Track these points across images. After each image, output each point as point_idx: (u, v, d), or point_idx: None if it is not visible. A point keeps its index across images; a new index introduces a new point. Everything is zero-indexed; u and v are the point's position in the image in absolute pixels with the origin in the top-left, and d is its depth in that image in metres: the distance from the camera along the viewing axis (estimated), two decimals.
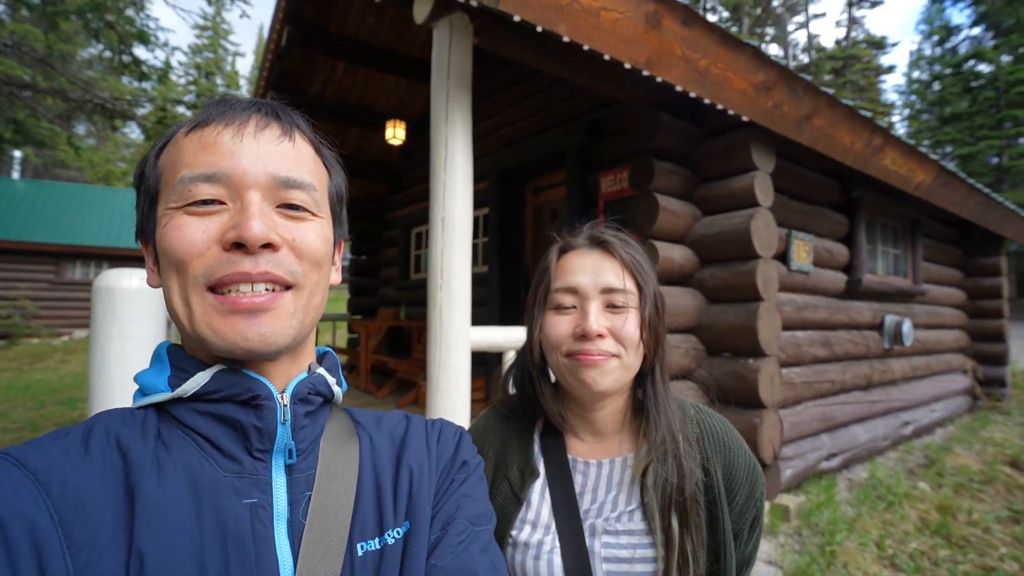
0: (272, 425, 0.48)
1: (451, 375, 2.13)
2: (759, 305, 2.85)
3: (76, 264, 14.58)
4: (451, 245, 2.16)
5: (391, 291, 6.92)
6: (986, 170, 20.87)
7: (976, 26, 22.36)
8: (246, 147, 0.48)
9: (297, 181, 0.50)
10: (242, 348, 0.46)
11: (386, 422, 0.61)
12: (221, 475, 0.46)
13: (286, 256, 0.49)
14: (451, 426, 0.65)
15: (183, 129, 0.51)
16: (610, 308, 0.74)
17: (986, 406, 6.08)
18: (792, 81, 2.80)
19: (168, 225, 0.47)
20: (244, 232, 0.45)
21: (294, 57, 4.95)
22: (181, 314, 0.48)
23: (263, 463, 0.48)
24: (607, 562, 0.72)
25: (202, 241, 0.46)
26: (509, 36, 2.26)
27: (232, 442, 0.47)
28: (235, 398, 0.47)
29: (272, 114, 0.52)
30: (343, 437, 0.55)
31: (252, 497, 0.46)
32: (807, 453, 3.47)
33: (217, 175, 0.47)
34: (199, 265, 0.46)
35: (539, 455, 0.80)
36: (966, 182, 4.75)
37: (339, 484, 0.50)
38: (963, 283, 6.23)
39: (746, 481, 0.77)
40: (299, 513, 0.48)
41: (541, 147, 4.34)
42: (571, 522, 0.73)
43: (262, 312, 0.47)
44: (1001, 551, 2.78)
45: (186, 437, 0.47)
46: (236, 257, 0.46)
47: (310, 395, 0.52)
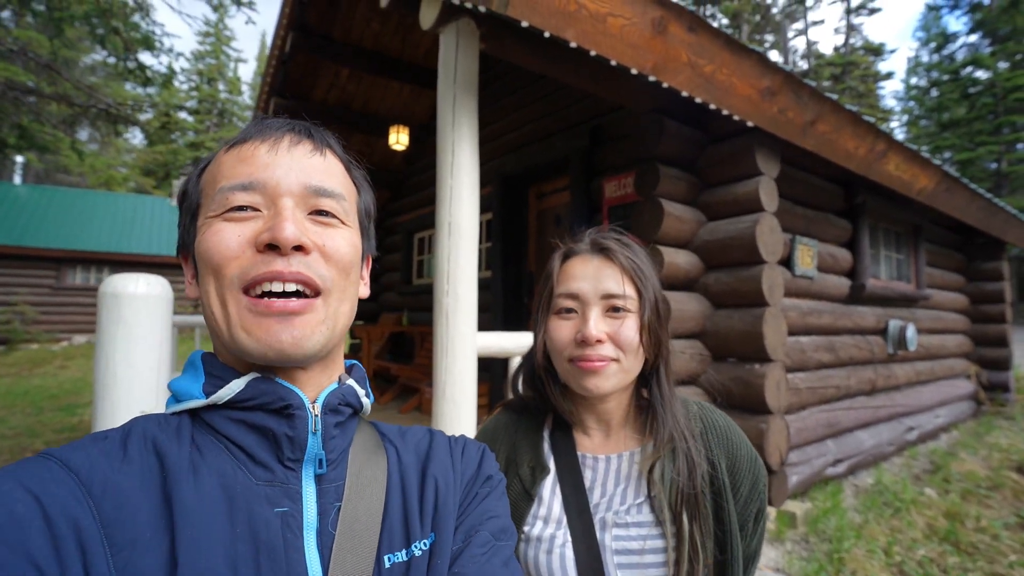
0: (303, 435, 0.49)
1: (457, 381, 2.12)
2: (765, 310, 2.84)
3: (77, 269, 14.59)
4: (458, 250, 2.15)
5: (393, 296, 6.91)
6: (985, 175, 20.92)
7: (973, 33, 22.49)
8: (280, 159, 0.51)
9: (328, 190, 0.53)
10: (274, 351, 0.47)
11: (410, 436, 0.62)
12: (253, 483, 0.46)
13: (316, 260, 0.50)
14: (474, 442, 0.66)
15: (223, 149, 0.54)
16: (610, 313, 0.77)
17: (990, 411, 6.06)
18: (796, 87, 2.81)
19: (206, 232, 0.50)
20: (277, 233, 0.47)
21: (297, 63, 4.97)
22: (218, 318, 0.49)
23: (294, 472, 0.48)
24: (618, 554, 0.74)
25: (237, 245, 0.48)
26: (515, 42, 2.27)
27: (264, 450, 0.48)
28: (267, 406, 0.48)
29: (305, 132, 0.55)
30: (371, 449, 0.56)
31: (283, 506, 0.46)
32: (813, 459, 3.45)
33: (253, 183, 0.50)
34: (235, 267, 0.48)
35: (549, 452, 0.82)
36: (968, 187, 4.75)
37: (368, 496, 0.51)
38: (966, 288, 6.23)
39: (749, 472, 0.80)
40: (328, 523, 0.48)
41: (544, 153, 4.35)
42: (582, 516, 0.76)
43: (294, 316, 0.48)
44: (1011, 558, 2.75)
45: (219, 444, 0.48)
46: (269, 258, 0.48)
47: (340, 406, 0.53)
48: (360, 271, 0.59)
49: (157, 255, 15.05)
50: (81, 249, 14.11)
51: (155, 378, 1.53)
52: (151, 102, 8.31)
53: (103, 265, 14.75)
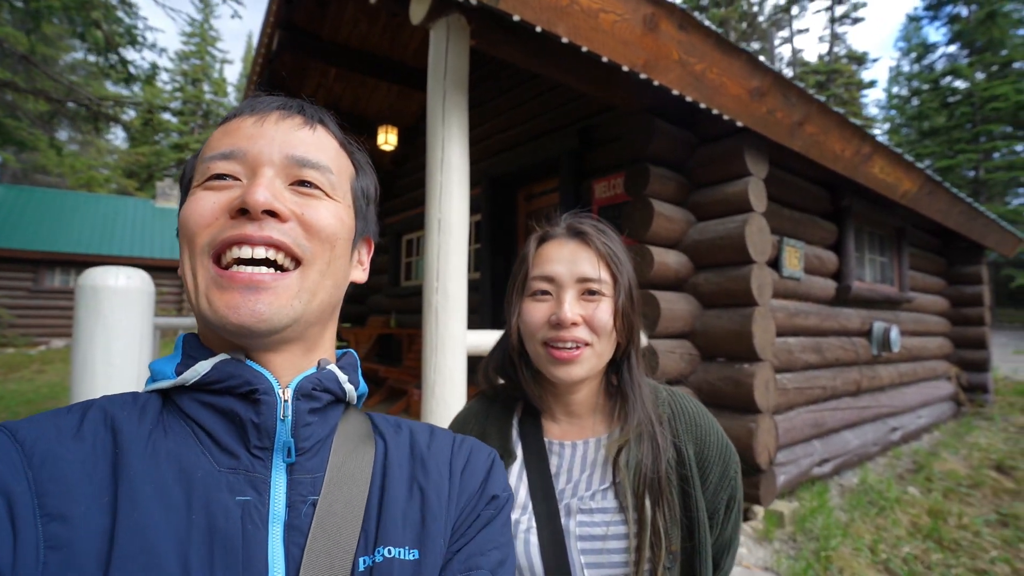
0: (270, 421, 0.46)
1: (447, 380, 2.09)
2: (754, 310, 2.86)
3: (55, 271, 14.28)
4: (447, 247, 2.13)
5: (381, 299, 6.85)
6: (964, 183, 21.39)
7: (952, 44, 23.03)
8: (266, 130, 0.50)
9: (312, 161, 0.51)
10: (233, 324, 0.45)
11: (406, 432, 0.57)
12: (216, 469, 0.44)
13: (293, 228, 0.48)
14: (482, 450, 0.60)
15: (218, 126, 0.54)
16: (585, 296, 0.77)
17: (970, 412, 6.17)
18: (785, 88, 2.84)
19: (187, 202, 0.49)
20: (248, 197, 0.46)
21: (284, 62, 4.91)
22: (190, 289, 0.47)
23: (261, 461, 0.46)
24: (582, 540, 0.73)
25: (211, 211, 0.47)
26: (506, 38, 2.26)
27: (230, 436, 0.45)
28: (234, 390, 0.46)
29: (297, 107, 0.54)
30: (356, 440, 0.52)
31: (246, 495, 0.44)
32: (800, 459, 3.47)
33: (233, 152, 0.49)
34: (206, 234, 0.47)
35: (517, 438, 0.82)
36: (949, 191, 4.85)
37: (349, 490, 0.48)
38: (946, 291, 6.34)
39: (719, 460, 0.78)
40: (299, 517, 0.45)
41: (534, 154, 4.34)
42: (547, 502, 0.75)
43: (261, 289, 0.46)
44: (992, 554, 2.79)
45: (186, 427, 0.46)
46: (240, 222, 0.46)
47: (315, 391, 0.49)
48: (353, 251, 0.56)
49: (139, 257, 14.78)
50: (60, 251, 13.82)
51: (135, 373, 1.48)
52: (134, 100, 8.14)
53: (82, 267, 14.42)
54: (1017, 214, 20.01)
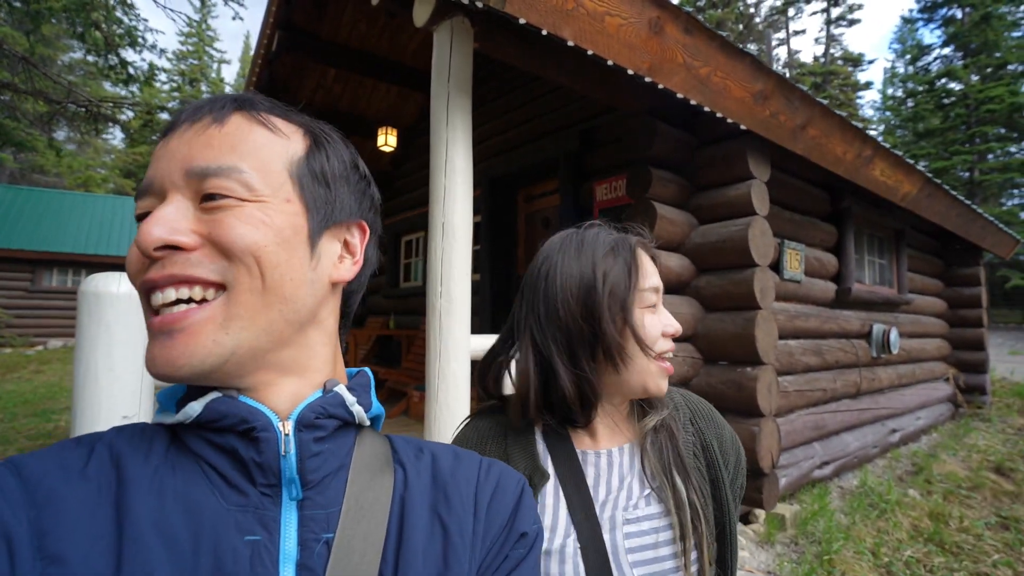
0: (272, 459, 0.42)
1: (451, 386, 2.08)
2: (757, 313, 2.86)
3: (53, 272, 14.21)
4: (451, 251, 2.12)
5: (380, 300, 6.83)
6: (959, 184, 21.48)
7: (946, 46, 23.11)
8: (170, 148, 0.44)
9: (214, 168, 0.43)
10: (156, 375, 0.42)
11: (428, 457, 0.53)
12: (225, 507, 0.41)
13: (203, 255, 0.42)
14: (511, 477, 0.54)
15: None
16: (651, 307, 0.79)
17: (968, 413, 6.19)
18: (788, 91, 2.84)
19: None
20: (137, 239, 0.42)
21: (283, 63, 4.90)
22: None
23: (270, 498, 0.43)
24: (632, 552, 0.70)
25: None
26: (510, 41, 2.25)
27: (237, 473, 0.43)
28: (233, 428, 0.43)
29: (210, 105, 0.46)
30: (375, 468, 0.48)
31: (255, 534, 0.41)
32: (801, 461, 3.47)
33: (144, 188, 0.45)
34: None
35: (545, 454, 0.77)
36: (948, 193, 4.86)
37: (366, 525, 0.44)
38: (944, 293, 6.36)
39: (733, 451, 0.83)
40: (311, 556, 0.42)
41: (534, 155, 4.34)
42: (589, 519, 0.71)
43: (175, 331, 0.42)
44: (994, 557, 2.79)
45: (195, 463, 0.43)
46: (146, 265, 0.43)
47: (318, 419, 0.45)
48: (317, 245, 0.47)
49: None
50: (57, 251, 13.75)
51: (138, 383, 1.47)
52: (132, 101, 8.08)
53: (80, 267, 14.37)
54: (1012, 215, 20.13)
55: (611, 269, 0.75)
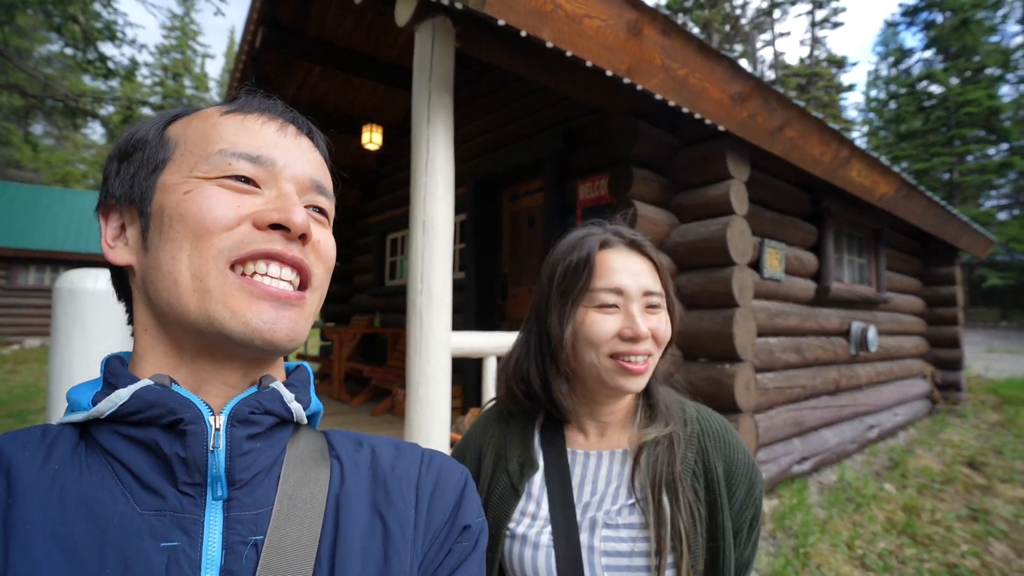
0: (199, 454, 0.40)
1: (431, 381, 2.09)
2: (735, 311, 2.90)
3: (29, 269, 13.93)
4: (431, 248, 2.13)
5: (365, 298, 6.81)
6: (939, 185, 21.91)
7: (928, 49, 23.55)
8: (288, 143, 0.49)
9: (325, 188, 0.51)
10: (265, 339, 0.43)
11: (367, 450, 0.52)
12: (137, 512, 0.39)
13: (310, 252, 0.48)
14: (454, 469, 0.54)
15: (216, 108, 0.50)
16: (648, 309, 0.77)
17: (943, 409, 6.33)
18: (766, 93, 2.89)
19: (194, 192, 0.44)
20: (291, 215, 0.44)
21: (268, 59, 4.85)
22: (185, 290, 0.42)
23: (192, 499, 0.40)
24: (607, 556, 0.72)
25: (235, 216, 0.44)
26: (491, 41, 2.27)
27: (155, 473, 0.40)
28: (157, 421, 0.40)
29: (305, 127, 0.53)
30: (308, 464, 0.46)
31: (172, 540, 0.39)
32: (780, 457, 3.53)
33: (261, 158, 0.46)
34: (226, 239, 0.43)
35: (539, 448, 0.81)
36: (924, 195, 4.97)
37: (300, 523, 0.42)
38: (922, 291, 6.50)
39: (745, 478, 0.77)
40: (238, 561, 0.40)
41: (518, 155, 4.35)
42: (566, 514, 0.74)
43: (292, 306, 0.45)
44: (963, 548, 2.88)
45: (105, 464, 0.40)
46: (272, 236, 0.44)
47: (253, 415, 0.43)
48: None
49: None
50: (34, 248, 13.48)
51: None
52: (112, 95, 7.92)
53: (58, 265, 14.11)
54: (989, 216, 20.60)
55: (562, 268, 0.79)
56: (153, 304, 0.45)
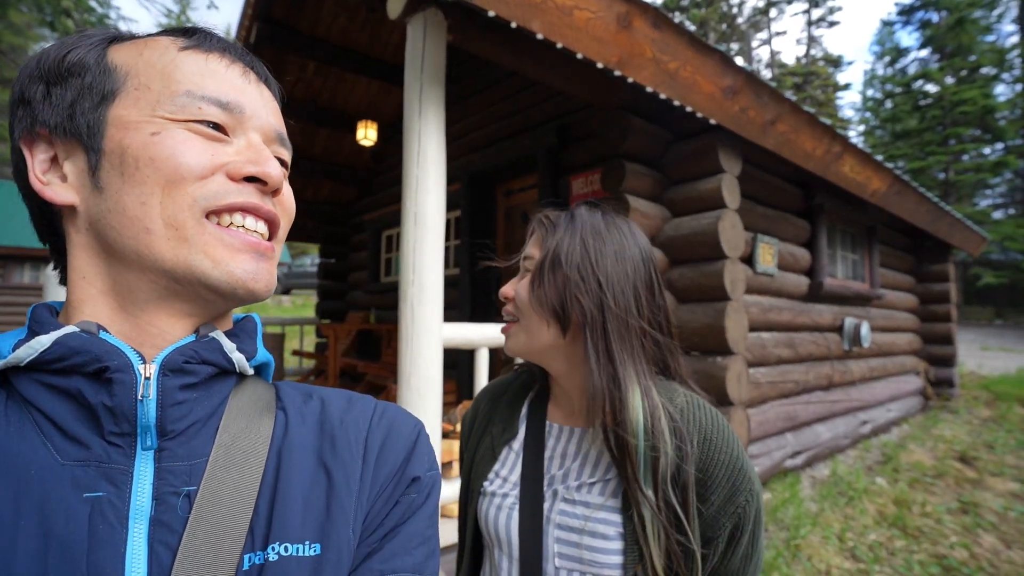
0: (127, 403, 0.38)
1: (422, 372, 2.10)
2: (727, 304, 2.92)
3: (24, 267, 13.88)
4: (423, 240, 2.13)
5: (360, 295, 6.81)
6: (934, 184, 22.00)
7: (923, 48, 23.64)
8: (252, 90, 0.47)
9: (287, 141, 0.51)
10: (248, 289, 0.43)
11: (317, 402, 0.50)
12: (59, 463, 0.37)
13: (277, 205, 0.48)
14: (406, 421, 0.52)
15: (168, 40, 0.46)
16: (523, 274, 0.83)
17: (936, 405, 6.37)
18: (757, 87, 2.90)
19: (163, 135, 0.42)
20: (268, 169, 0.45)
21: (262, 55, 4.82)
22: (159, 237, 0.41)
23: (120, 448, 0.39)
24: (559, 528, 0.74)
25: (210, 164, 0.43)
26: (482, 34, 2.27)
27: (79, 423, 0.38)
28: (81, 368, 0.38)
29: (263, 74, 0.51)
30: (252, 416, 0.45)
31: (97, 490, 0.37)
32: (772, 451, 3.55)
33: (231, 104, 0.45)
34: (200, 188, 0.42)
35: (524, 417, 0.86)
36: (917, 191, 4.99)
37: (238, 474, 0.41)
38: (915, 288, 6.53)
39: (725, 481, 0.69)
40: (170, 511, 0.38)
41: (512, 151, 4.36)
42: (534, 482, 0.77)
43: (268, 257, 0.46)
44: (952, 540, 2.90)
45: (23, 414, 0.39)
46: (247, 189, 0.44)
47: (188, 364, 0.41)
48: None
49: None
50: (29, 246, 13.43)
51: None
52: None
53: None
54: (984, 215, 20.69)
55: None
56: (110, 249, 0.42)
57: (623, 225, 0.81)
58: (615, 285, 0.75)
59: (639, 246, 0.79)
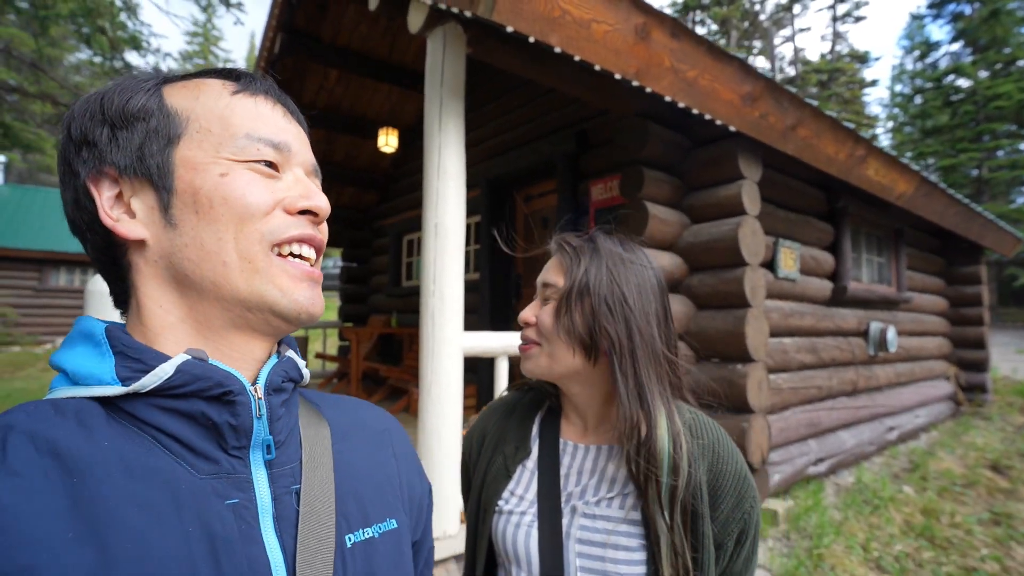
0: (248, 422, 0.44)
1: (443, 381, 2.14)
2: (747, 311, 2.90)
3: (60, 271, 14.38)
4: (444, 251, 2.18)
5: (382, 298, 6.91)
6: (967, 181, 21.30)
7: (955, 42, 22.90)
8: (292, 128, 0.52)
9: (319, 170, 0.56)
10: (310, 313, 0.49)
11: (347, 406, 0.61)
12: (197, 477, 0.42)
13: (321, 232, 0.53)
14: (387, 415, 0.66)
15: (219, 84, 0.50)
16: (545, 301, 0.84)
17: (968, 411, 6.19)
18: (777, 93, 2.87)
19: (232, 176, 0.46)
20: (319, 203, 0.50)
21: (286, 65, 4.97)
22: (234, 270, 0.45)
23: (240, 460, 0.45)
24: (580, 543, 0.76)
25: (272, 201, 0.48)
26: (501, 47, 2.31)
27: (205, 441, 0.43)
28: (202, 393, 0.43)
29: (295, 110, 0.55)
30: (314, 422, 0.54)
31: (233, 497, 0.43)
32: (795, 458, 3.51)
33: (281, 144, 0.49)
34: (265, 223, 0.47)
35: (536, 435, 0.87)
36: (946, 192, 4.87)
37: (322, 471, 0.50)
38: (945, 291, 6.36)
39: (733, 491, 0.75)
40: (286, 508, 0.46)
41: (531, 156, 4.39)
42: (551, 500, 0.79)
43: (318, 283, 0.51)
44: (982, 552, 2.83)
45: (143, 436, 0.42)
46: (303, 222, 0.49)
47: (283, 383, 0.49)
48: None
49: None
50: (64, 251, 13.92)
51: None
52: None
53: (87, 267, 14.56)
54: (1020, 213, 19.94)
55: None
56: (186, 280, 0.46)
57: (640, 253, 0.85)
58: (639, 314, 0.79)
59: (656, 275, 0.84)
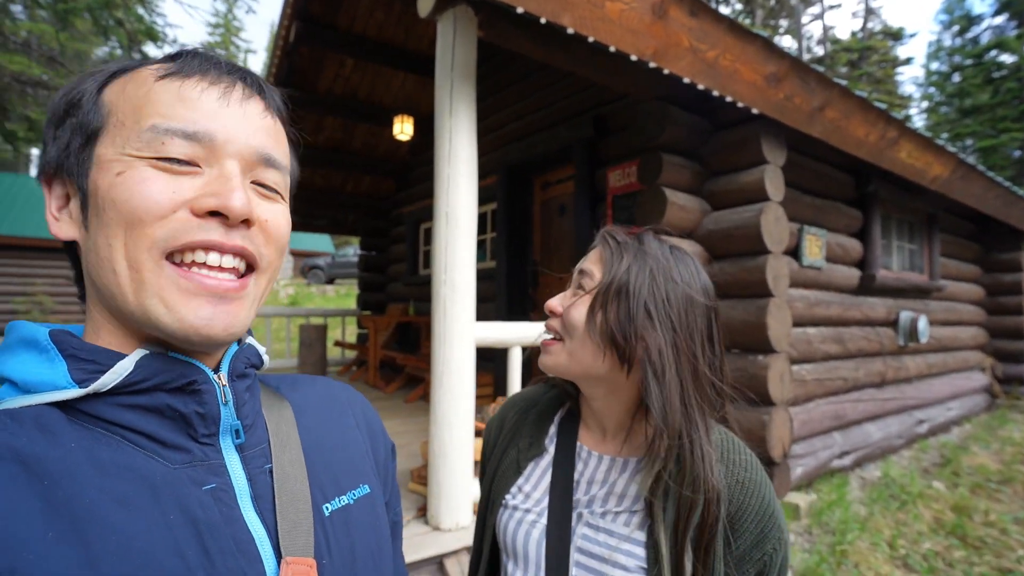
0: (215, 409, 0.44)
1: (454, 371, 2.12)
2: (769, 301, 2.80)
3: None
4: (455, 239, 2.14)
5: (400, 287, 6.94)
6: (1008, 163, 20.33)
7: (999, 15, 21.77)
8: (232, 112, 0.44)
9: (276, 161, 0.47)
10: (201, 335, 0.42)
11: (302, 385, 0.61)
12: (171, 468, 0.41)
13: (256, 235, 0.45)
14: (356, 393, 0.66)
15: (151, 70, 0.44)
16: (576, 290, 0.76)
17: (1005, 404, 5.96)
18: (803, 72, 2.74)
19: (127, 175, 0.41)
20: (229, 202, 0.41)
21: (302, 53, 4.96)
22: (122, 280, 0.41)
23: (211, 447, 0.45)
24: (580, 552, 0.73)
25: (170, 202, 0.41)
26: (513, 29, 2.24)
27: (174, 432, 0.43)
28: (165, 386, 0.42)
29: (256, 86, 0.48)
30: (275, 403, 0.54)
31: (210, 483, 0.43)
32: (818, 451, 3.41)
33: (198, 134, 0.42)
34: (161, 228, 0.40)
35: (553, 434, 0.84)
36: (985, 175, 4.64)
37: (291, 450, 0.50)
38: (982, 279, 6.10)
39: (754, 527, 0.68)
40: (262, 487, 0.46)
41: (548, 142, 4.31)
42: (563, 504, 0.76)
43: (230, 299, 0.43)
44: (1019, 552, 2.72)
45: (110, 435, 0.41)
46: (209, 225, 0.42)
47: (246, 368, 0.49)
48: None
49: None
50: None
51: None
52: None
53: None
54: None
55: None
56: (95, 286, 0.44)
57: (692, 264, 0.75)
58: (681, 328, 0.70)
59: (706, 289, 0.74)
